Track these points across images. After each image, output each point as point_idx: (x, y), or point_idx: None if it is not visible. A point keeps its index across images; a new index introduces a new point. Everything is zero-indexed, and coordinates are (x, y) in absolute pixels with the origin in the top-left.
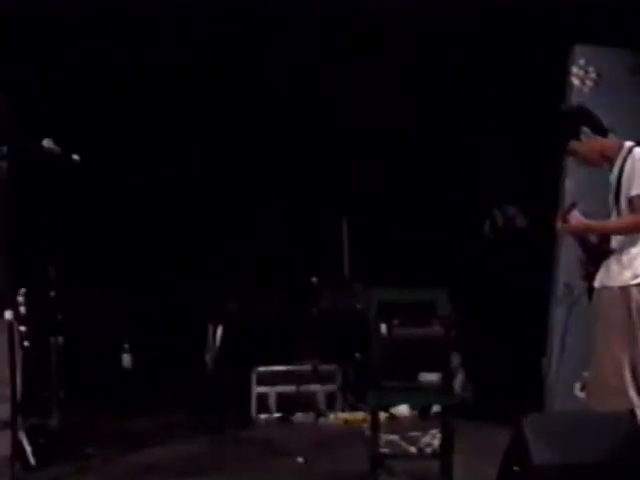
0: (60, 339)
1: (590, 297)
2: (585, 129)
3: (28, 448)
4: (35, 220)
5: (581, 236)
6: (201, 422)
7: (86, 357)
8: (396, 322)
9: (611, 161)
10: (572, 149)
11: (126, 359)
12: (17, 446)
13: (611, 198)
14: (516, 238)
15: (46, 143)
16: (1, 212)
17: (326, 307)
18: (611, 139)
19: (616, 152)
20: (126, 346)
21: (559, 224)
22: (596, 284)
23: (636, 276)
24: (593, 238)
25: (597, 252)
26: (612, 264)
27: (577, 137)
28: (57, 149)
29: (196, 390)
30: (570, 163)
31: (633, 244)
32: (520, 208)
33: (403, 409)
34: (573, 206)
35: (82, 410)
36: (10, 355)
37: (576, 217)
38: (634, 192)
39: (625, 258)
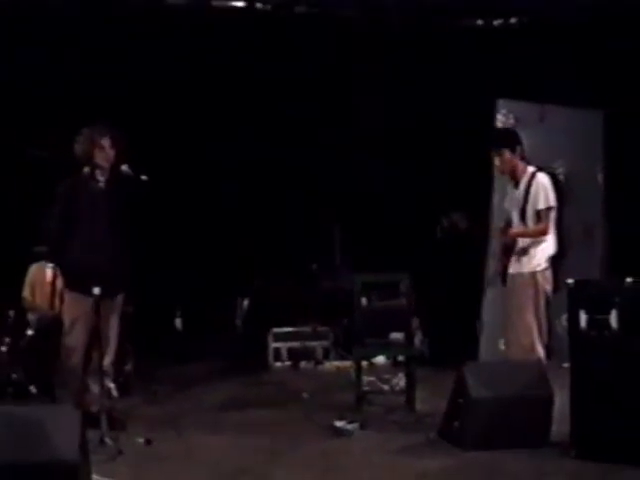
0: (131, 308)
1: (504, 281)
2: (505, 150)
3: (111, 385)
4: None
5: (507, 239)
6: (232, 368)
7: (151, 320)
8: (373, 296)
9: (517, 179)
10: (494, 162)
11: (178, 322)
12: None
13: (516, 209)
14: (459, 236)
15: (124, 168)
16: (117, 219)
17: (323, 286)
18: (521, 162)
19: (522, 173)
20: (178, 312)
21: (502, 234)
22: (511, 270)
23: (539, 265)
24: (508, 240)
25: (509, 250)
26: (522, 257)
27: (498, 153)
28: (131, 172)
29: (229, 345)
30: (497, 181)
31: (536, 244)
32: (462, 214)
33: (379, 359)
34: (509, 223)
35: (148, 359)
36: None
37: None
38: (540, 206)
39: (532, 252)
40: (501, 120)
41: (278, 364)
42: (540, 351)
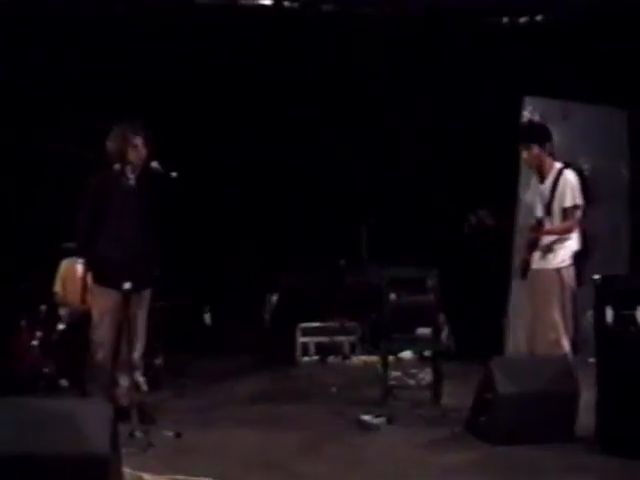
0: (164, 303)
1: (524, 275)
2: (534, 145)
3: (141, 379)
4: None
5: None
6: (260, 363)
7: (181, 315)
8: (400, 292)
9: (543, 174)
10: (522, 155)
11: (207, 317)
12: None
13: (541, 204)
14: (486, 232)
15: (154, 164)
16: (147, 215)
17: (350, 281)
18: (548, 158)
19: (549, 169)
20: (207, 307)
21: (532, 231)
22: (535, 266)
23: (563, 261)
24: (533, 236)
25: (533, 245)
26: (547, 254)
27: (527, 148)
28: (161, 169)
29: (257, 340)
30: (523, 178)
31: (561, 241)
32: (489, 210)
33: (406, 354)
34: (539, 221)
35: (178, 353)
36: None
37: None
38: (567, 204)
39: (557, 249)
40: (527, 117)
41: (306, 359)
42: (566, 346)
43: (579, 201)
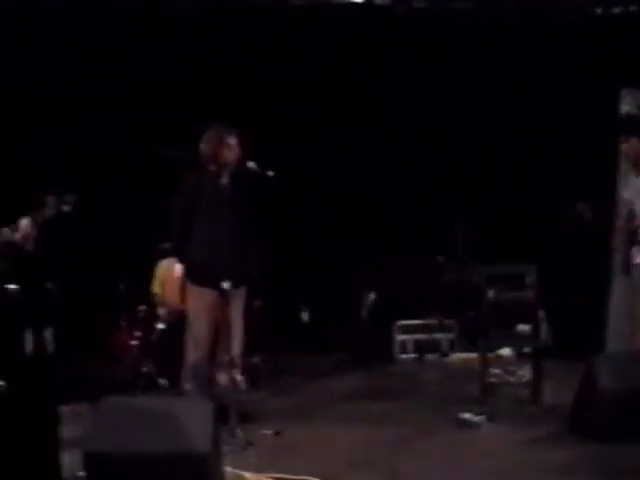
0: (259, 302)
1: (626, 270)
2: (634, 138)
3: (240, 377)
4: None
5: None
6: (358, 360)
7: (278, 313)
8: (499, 288)
9: None
10: (621, 148)
11: (304, 315)
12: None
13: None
14: (584, 227)
15: (250, 164)
16: (242, 215)
17: (448, 278)
18: None
19: None
20: (304, 306)
21: (627, 223)
22: (637, 261)
23: None
24: (632, 229)
25: (632, 239)
26: None
27: (626, 140)
28: (257, 168)
29: (354, 337)
30: (622, 172)
31: None
32: (587, 205)
33: (505, 351)
34: (632, 213)
35: (276, 351)
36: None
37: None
38: None
39: None
40: (625, 109)
41: (404, 356)
42: None
43: None
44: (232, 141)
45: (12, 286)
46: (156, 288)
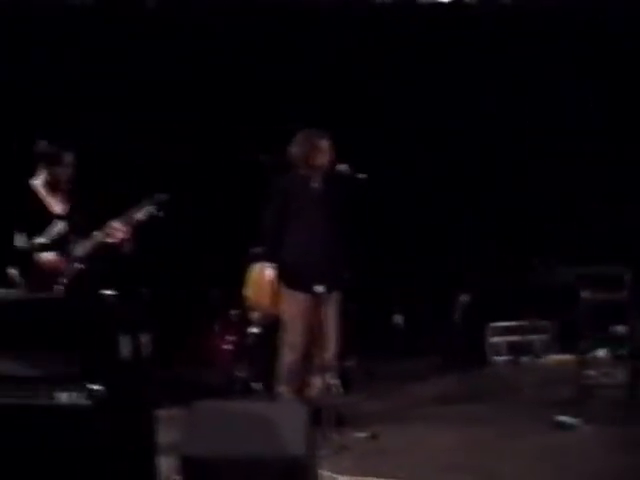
0: (353, 305)
1: None
2: None
3: (334, 381)
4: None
5: None
6: (451, 363)
7: (372, 317)
8: (594, 289)
9: None
10: None
11: (398, 318)
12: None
13: None
14: None
15: (341, 167)
16: (334, 218)
17: (541, 279)
18: None
19: None
20: (397, 308)
21: None
22: None
23: None
24: None
25: None
26: None
27: None
28: (349, 171)
29: (447, 340)
30: None
31: None
32: None
33: (600, 352)
34: None
35: (370, 355)
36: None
37: None
38: None
39: None
40: None
41: (497, 358)
42: None
43: None
44: (324, 144)
45: (108, 291)
46: (248, 292)
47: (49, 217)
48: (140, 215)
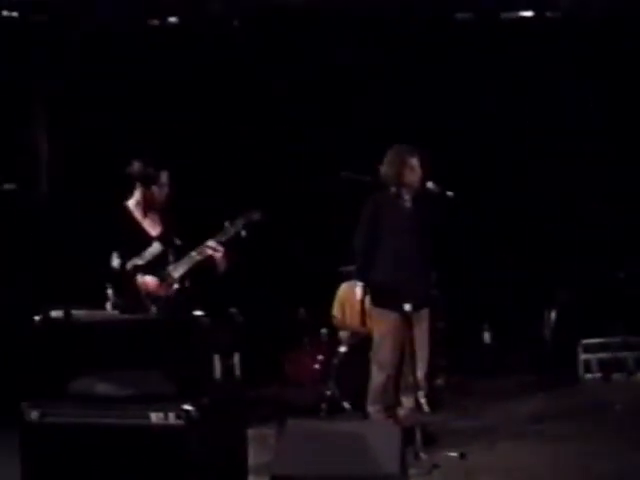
0: (442, 323)
1: None
2: None
3: (423, 400)
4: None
5: None
6: (542, 381)
7: (460, 334)
8: None
9: None
10: None
11: (486, 336)
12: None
13: None
14: None
15: (430, 185)
16: (423, 235)
17: (631, 293)
18: None
19: None
20: (486, 326)
21: None
22: None
23: None
24: None
25: None
26: None
27: None
28: (437, 189)
29: (537, 357)
30: None
31: None
32: None
33: None
34: None
35: (459, 373)
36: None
37: None
38: None
39: None
40: None
41: (589, 376)
42: None
43: None
44: (414, 162)
45: (200, 312)
46: (336, 311)
47: (144, 238)
48: (234, 233)
